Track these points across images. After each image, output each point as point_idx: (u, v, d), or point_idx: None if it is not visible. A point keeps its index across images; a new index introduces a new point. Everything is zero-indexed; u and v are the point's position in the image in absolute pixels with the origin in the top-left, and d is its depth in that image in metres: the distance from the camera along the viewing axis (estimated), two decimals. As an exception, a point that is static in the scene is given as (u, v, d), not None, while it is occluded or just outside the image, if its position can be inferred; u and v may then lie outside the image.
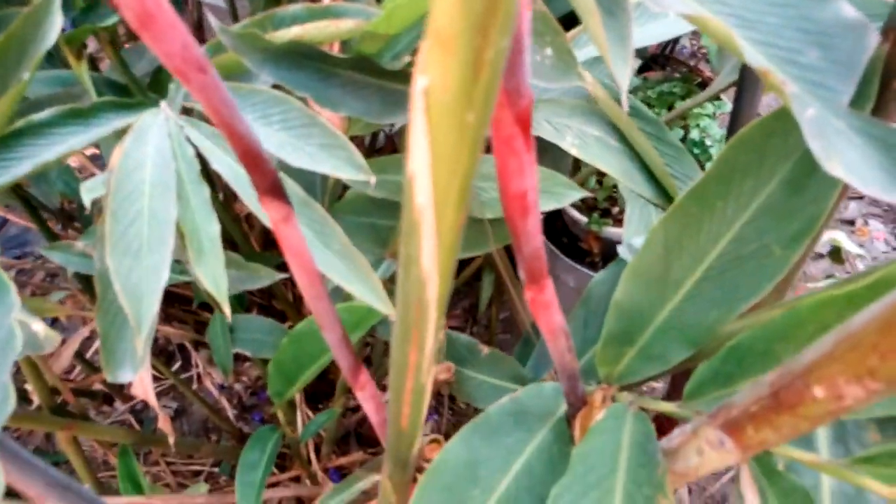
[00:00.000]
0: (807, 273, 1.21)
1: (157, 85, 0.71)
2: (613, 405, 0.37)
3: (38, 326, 0.36)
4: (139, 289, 0.35)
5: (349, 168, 0.39)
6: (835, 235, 0.79)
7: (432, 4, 0.13)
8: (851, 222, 1.38)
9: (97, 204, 0.88)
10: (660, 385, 0.98)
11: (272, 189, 0.28)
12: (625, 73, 0.30)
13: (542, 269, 0.29)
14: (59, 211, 0.88)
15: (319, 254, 0.39)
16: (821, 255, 1.28)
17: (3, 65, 0.41)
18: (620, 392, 0.38)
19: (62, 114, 0.51)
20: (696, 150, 0.83)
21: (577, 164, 0.80)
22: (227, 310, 0.37)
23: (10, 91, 0.41)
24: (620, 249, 0.48)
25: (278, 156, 0.41)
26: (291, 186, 0.41)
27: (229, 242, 0.61)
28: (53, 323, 1.02)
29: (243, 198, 0.43)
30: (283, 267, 0.65)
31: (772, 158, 0.32)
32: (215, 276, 0.37)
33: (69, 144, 0.50)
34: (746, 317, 0.33)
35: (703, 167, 0.86)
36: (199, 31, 0.82)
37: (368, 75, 0.48)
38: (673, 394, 0.64)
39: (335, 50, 0.50)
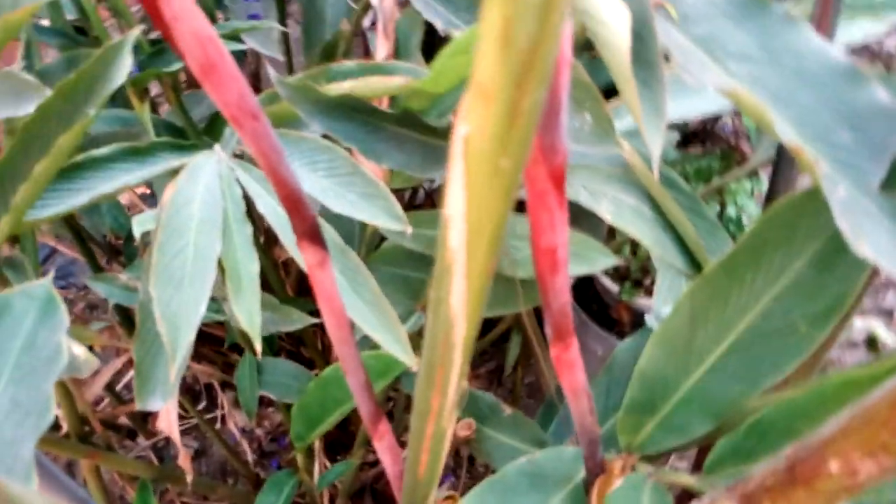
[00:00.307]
0: (842, 361, 1.19)
1: (212, 130, 0.74)
2: (632, 475, 0.36)
3: (79, 350, 0.38)
4: (178, 318, 0.36)
5: (387, 217, 0.41)
6: (871, 324, 0.78)
7: (475, 58, 0.14)
8: (889, 312, 1.36)
9: (144, 238, 0.91)
10: (683, 464, 0.96)
11: (310, 234, 0.30)
12: (657, 141, 0.31)
13: (568, 326, 0.30)
14: (107, 245, 0.92)
15: (350, 301, 0.40)
16: (857, 345, 1.25)
17: (72, 100, 0.44)
18: (641, 462, 0.38)
19: (121, 150, 0.53)
20: (731, 227, 0.83)
21: (611, 233, 0.81)
22: (258, 347, 0.38)
23: (75, 126, 0.44)
24: (648, 318, 0.48)
25: (321, 201, 0.43)
26: (330, 233, 0.43)
27: (265, 285, 0.63)
28: (89, 351, 1.04)
29: (284, 241, 0.44)
30: (314, 313, 0.66)
31: (802, 235, 0.33)
32: (251, 314, 0.38)
33: (125, 180, 0.52)
34: (770, 393, 0.33)
35: (738, 245, 0.86)
36: (257, 80, 0.86)
37: (413, 130, 0.50)
38: (697, 468, 0.63)
39: (383, 105, 0.52)
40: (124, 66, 0.44)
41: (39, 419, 0.25)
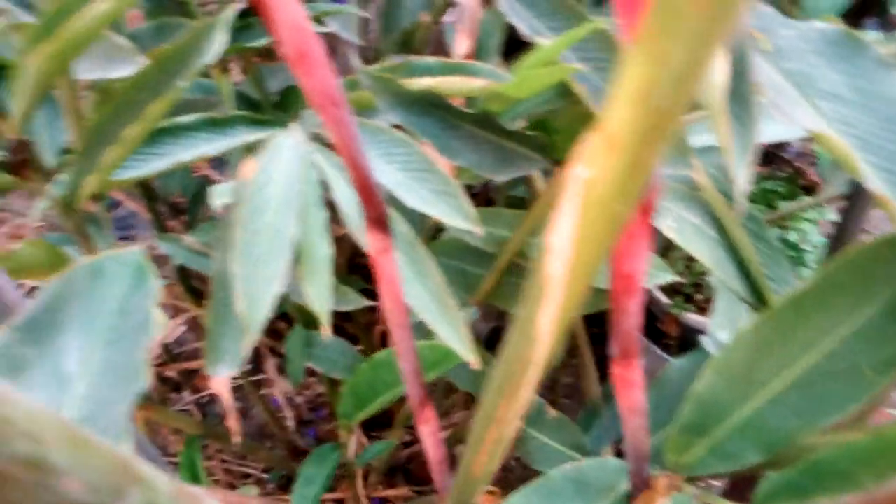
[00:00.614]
0: None
1: (284, 104, 0.75)
2: (678, 495, 0.37)
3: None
4: (255, 295, 0.37)
5: (458, 216, 0.42)
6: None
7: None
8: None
9: (200, 202, 0.93)
10: (717, 483, 0.95)
11: (379, 221, 0.31)
12: (744, 177, 0.31)
13: (635, 347, 0.30)
14: (170, 203, 0.94)
15: (414, 290, 0.41)
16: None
17: (166, 72, 0.45)
18: (686, 483, 0.38)
19: (202, 120, 0.55)
20: (791, 253, 0.82)
21: (667, 247, 0.81)
22: (328, 329, 0.39)
23: (165, 96, 0.45)
24: (704, 340, 0.48)
25: (395, 193, 0.44)
26: (399, 222, 0.44)
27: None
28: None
29: (351, 226, 0.46)
30: (366, 293, 0.68)
31: (875, 282, 0.33)
32: (321, 297, 0.39)
33: (204, 149, 0.54)
34: (827, 432, 0.33)
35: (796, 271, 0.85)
36: (332, 58, 0.88)
37: (489, 131, 0.51)
38: (731, 493, 0.63)
39: (460, 103, 0.53)
40: (219, 43, 0.45)
41: (133, 383, 0.26)
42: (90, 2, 0.35)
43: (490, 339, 0.91)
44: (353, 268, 0.98)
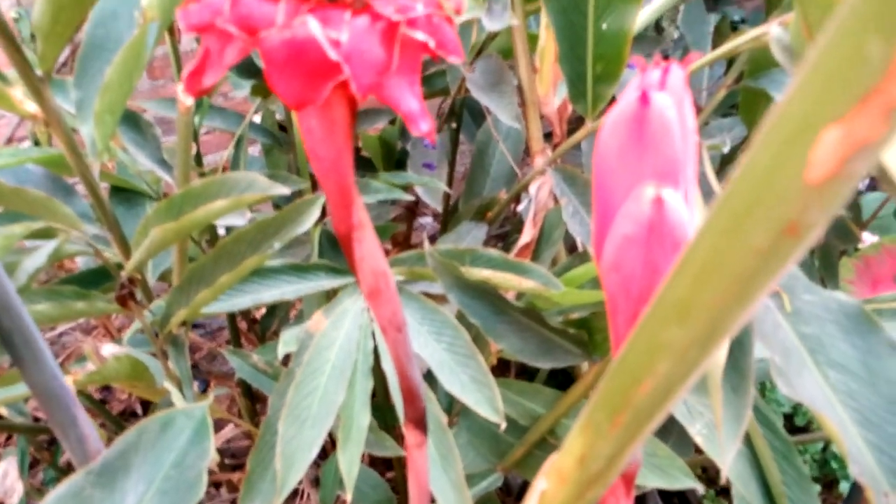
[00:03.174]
0: None
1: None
2: None
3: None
4: (294, 457, 0.42)
5: (489, 408, 0.46)
6: None
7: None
8: None
9: (274, 317, 0.99)
10: None
11: (417, 421, 0.35)
12: (732, 448, 0.34)
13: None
14: (246, 312, 1.02)
15: (438, 476, 0.45)
16: None
17: (265, 232, 0.53)
18: None
19: (288, 266, 0.62)
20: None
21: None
22: (349, 497, 0.43)
23: (262, 252, 0.52)
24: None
25: (436, 373, 0.48)
26: (435, 409, 0.48)
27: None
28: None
29: (394, 397, 0.50)
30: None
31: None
32: (351, 463, 0.44)
33: (285, 291, 0.61)
34: None
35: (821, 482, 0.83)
36: (413, 214, 0.96)
37: (533, 322, 0.55)
38: None
39: (510, 295, 0.58)
40: (313, 218, 0.52)
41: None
42: (211, 200, 0.42)
43: (521, 491, 0.93)
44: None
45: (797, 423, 1.10)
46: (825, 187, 0.10)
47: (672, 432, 0.70)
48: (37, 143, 1.28)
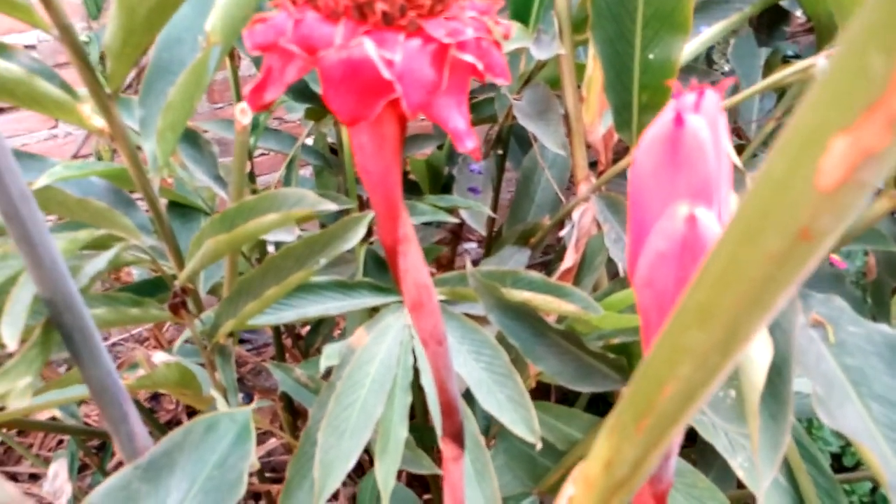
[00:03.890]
0: None
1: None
2: None
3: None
4: (332, 466, 0.43)
5: (525, 428, 0.46)
6: None
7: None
8: None
9: (318, 334, 1.01)
10: None
11: (455, 435, 0.36)
12: (768, 475, 0.34)
13: None
14: (291, 328, 1.04)
15: (473, 492, 0.45)
16: None
17: (312, 248, 0.54)
18: None
19: (333, 283, 0.64)
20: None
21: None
22: (386, 507, 0.44)
23: (309, 267, 0.54)
24: None
25: (474, 392, 0.49)
26: (472, 426, 0.49)
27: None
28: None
29: (432, 410, 0.51)
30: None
31: None
32: (388, 475, 0.45)
33: (329, 307, 0.62)
34: None
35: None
36: (457, 238, 0.97)
37: (572, 345, 0.56)
38: None
39: (551, 318, 0.58)
40: (358, 235, 0.54)
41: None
42: (263, 213, 0.44)
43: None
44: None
45: (845, 463, 1.07)
46: (836, 194, 0.11)
47: (713, 465, 0.68)
48: (99, 159, 1.34)
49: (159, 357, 0.54)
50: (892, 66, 0.09)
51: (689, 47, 0.66)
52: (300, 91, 0.81)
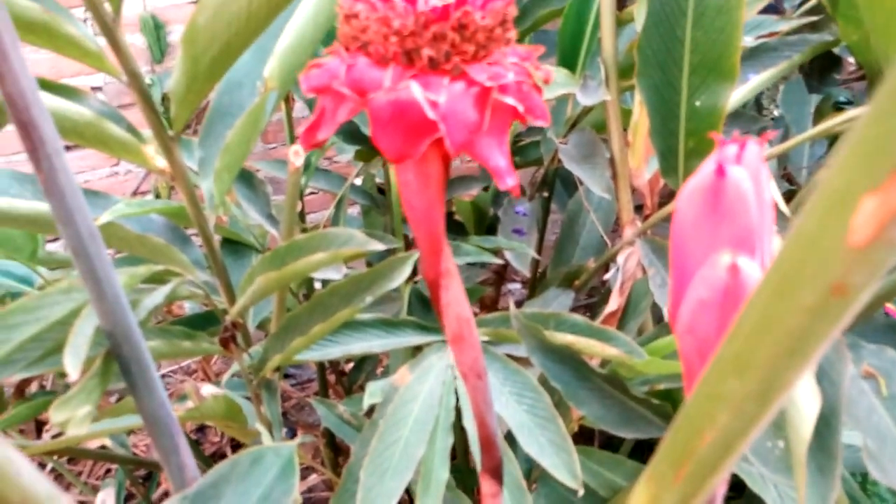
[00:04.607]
0: None
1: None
2: None
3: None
4: (373, 505, 0.44)
5: (567, 473, 0.46)
6: None
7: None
8: None
9: (362, 371, 1.02)
10: None
11: (495, 472, 0.36)
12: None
13: None
14: (335, 364, 1.06)
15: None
16: None
17: (358, 287, 0.55)
18: None
19: (378, 321, 0.65)
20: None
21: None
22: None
23: (355, 305, 0.55)
24: None
25: (516, 433, 0.49)
26: (512, 467, 0.49)
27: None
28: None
29: (472, 446, 0.51)
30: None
31: None
32: (428, 516, 0.45)
33: (373, 345, 0.63)
34: None
35: None
36: (502, 279, 0.98)
37: (616, 390, 0.55)
38: None
39: (594, 362, 0.58)
40: (404, 275, 0.55)
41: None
42: (312, 252, 0.46)
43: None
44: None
45: (903, 523, 1.02)
46: (867, 251, 0.11)
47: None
48: (157, 197, 1.39)
49: (207, 389, 0.56)
50: (918, 132, 0.10)
51: (737, 94, 0.66)
52: (350, 133, 0.84)
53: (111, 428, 0.55)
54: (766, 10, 0.78)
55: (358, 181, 0.98)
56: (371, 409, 0.58)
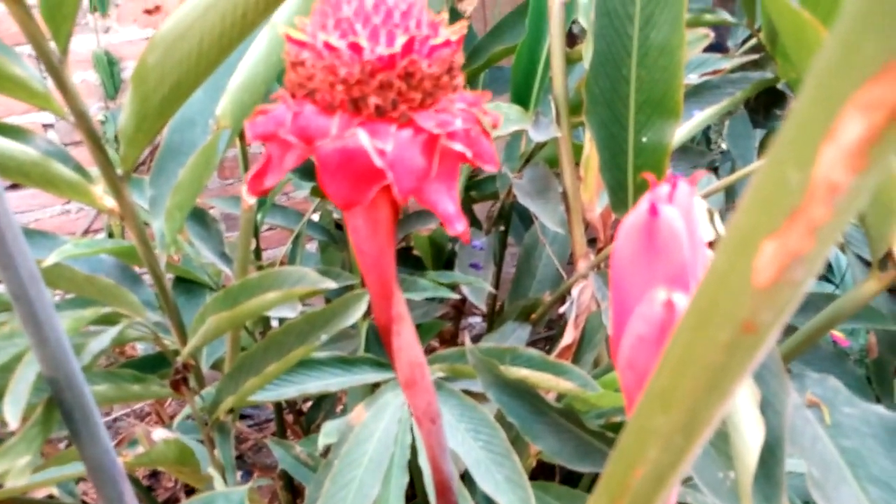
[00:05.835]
0: None
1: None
2: None
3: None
4: (326, 548, 0.43)
5: (522, 508, 0.46)
6: None
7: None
8: None
9: (320, 410, 1.01)
10: None
11: None
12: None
13: None
14: (293, 403, 1.04)
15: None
16: None
17: (313, 326, 0.55)
18: None
19: (334, 359, 0.64)
20: None
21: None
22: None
23: (310, 344, 0.55)
24: None
25: (472, 472, 0.49)
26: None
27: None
28: None
29: (427, 487, 0.51)
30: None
31: None
32: (383, 557, 0.44)
33: (330, 383, 0.63)
34: None
35: None
36: (460, 313, 0.99)
37: (572, 424, 0.56)
38: None
39: (550, 396, 0.58)
40: (359, 312, 0.54)
41: None
42: (265, 291, 0.45)
43: None
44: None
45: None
46: (771, 291, 0.12)
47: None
48: (111, 235, 1.37)
49: (159, 434, 0.54)
50: (807, 180, 0.10)
51: (683, 130, 0.68)
52: (306, 171, 0.84)
53: (56, 477, 0.53)
54: (711, 48, 0.81)
55: (315, 217, 0.98)
56: (328, 450, 0.57)
